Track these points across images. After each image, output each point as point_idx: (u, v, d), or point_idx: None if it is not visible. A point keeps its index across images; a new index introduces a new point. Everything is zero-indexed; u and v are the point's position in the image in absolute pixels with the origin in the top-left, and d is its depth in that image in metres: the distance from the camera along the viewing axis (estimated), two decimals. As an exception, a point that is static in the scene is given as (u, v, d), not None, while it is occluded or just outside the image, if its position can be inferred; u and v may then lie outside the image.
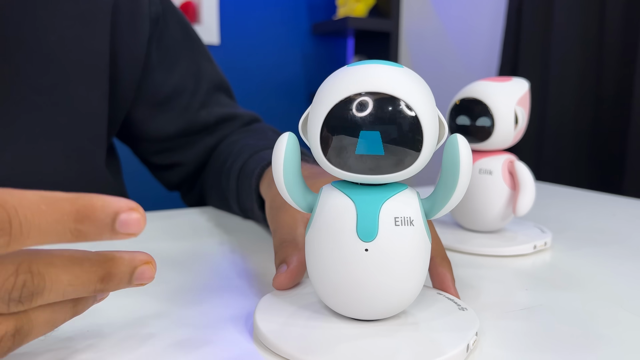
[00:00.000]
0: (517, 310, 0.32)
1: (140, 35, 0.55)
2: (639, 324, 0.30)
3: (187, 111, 0.59)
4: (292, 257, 0.32)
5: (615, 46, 1.28)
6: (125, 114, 0.58)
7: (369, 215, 0.25)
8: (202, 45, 0.63)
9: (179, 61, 0.59)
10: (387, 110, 0.23)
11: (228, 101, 0.64)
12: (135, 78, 0.56)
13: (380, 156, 0.24)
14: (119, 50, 0.53)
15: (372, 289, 0.25)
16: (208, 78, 0.62)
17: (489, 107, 0.41)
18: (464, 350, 0.25)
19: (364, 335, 0.26)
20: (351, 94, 0.24)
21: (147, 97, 0.58)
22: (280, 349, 0.25)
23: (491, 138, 0.42)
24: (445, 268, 0.32)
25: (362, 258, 0.25)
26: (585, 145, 1.36)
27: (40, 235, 0.19)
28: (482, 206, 0.43)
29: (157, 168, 0.64)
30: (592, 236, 0.49)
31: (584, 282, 0.37)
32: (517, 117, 0.41)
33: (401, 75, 0.24)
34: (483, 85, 0.42)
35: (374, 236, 0.25)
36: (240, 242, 0.45)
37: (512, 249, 0.42)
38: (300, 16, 2.05)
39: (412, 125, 0.23)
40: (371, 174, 0.24)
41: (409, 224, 0.25)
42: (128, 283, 0.24)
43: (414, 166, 0.24)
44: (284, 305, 0.29)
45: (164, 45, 0.58)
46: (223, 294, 0.34)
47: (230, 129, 0.62)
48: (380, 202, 0.25)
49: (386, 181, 0.25)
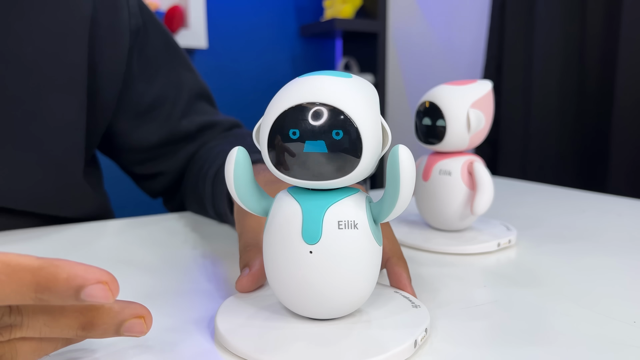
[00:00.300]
0: (473, 306, 0.33)
1: (121, 48, 0.56)
2: (590, 318, 0.31)
3: (168, 121, 0.61)
4: (255, 261, 0.33)
5: (597, 43, 1.30)
6: (106, 126, 0.58)
7: (314, 219, 0.26)
8: (182, 54, 0.64)
9: (159, 71, 0.60)
10: (326, 119, 0.25)
11: (209, 109, 0.65)
12: (116, 90, 0.57)
13: (322, 163, 0.25)
14: (99, 62, 0.54)
15: (319, 289, 0.27)
16: (189, 87, 0.63)
17: (442, 110, 0.43)
18: (412, 346, 0.26)
19: (317, 334, 0.27)
20: (294, 104, 0.25)
21: (129, 108, 0.59)
22: (236, 349, 0.26)
23: (445, 139, 0.44)
24: (401, 267, 0.33)
25: (307, 260, 0.26)
26: (569, 142, 1.38)
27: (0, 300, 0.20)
28: (442, 205, 0.45)
29: (140, 178, 0.65)
30: (558, 232, 0.51)
31: (543, 278, 0.38)
32: (469, 119, 0.42)
33: (343, 85, 0.26)
34: (441, 90, 0.44)
35: (318, 239, 0.26)
36: (213, 247, 0.47)
37: (476, 247, 0.43)
38: (288, 18, 2.06)
39: (351, 132, 0.25)
40: (315, 180, 0.26)
41: (352, 228, 0.26)
42: (115, 333, 0.24)
43: (357, 171, 0.25)
44: (245, 306, 0.31)
45: (145, 56, 0.59)
46: (191, 297, 0.35)
47: (211, 136, 0.64)
48: (325, 207, 0.26)
49: (332, 186, 0.26)
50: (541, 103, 1.41)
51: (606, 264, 0.42)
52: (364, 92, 0.26)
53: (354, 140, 0.25)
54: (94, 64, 0.53)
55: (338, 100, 0.25)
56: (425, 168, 0.46)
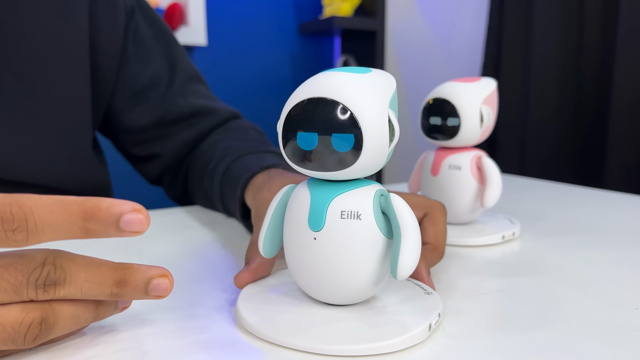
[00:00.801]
0: (481, 294, 0.35)
1: (118, 26, 0.57)
2: (595, 305, 0.33)
3: (162, 102, 0.62)
4: (255, 258, 0.34)
5: (595, 40, 1.32)
6: (107, 103, 0.60)
7: (319, 208, 0.28)
8: (174, 38, 0.65)
9: (153, 53, 0.62)
10: (328, 112, 0.26)
11: (205, 91, 0.66)
12: (114, 67, 0.58)
13: (324, 155, 0.26)
14: (97, 39, 0.55)
15: (324, 275, 0.28)
16: (182, 68, 0.64)
17: (456, 106, 0.44)
18: (427, 330, 0.28)
19: (335, 318, 0.29)
20: (301, 99, 0.27)
21: (124, 88, 0.60)
22: (260, 332, 0.28)
23: (458, 135, 0.45)
24: (420, 262, 0.34)
25: (312, 246, 0.28)
26: (567, 140, 1.39)
27: (52, 231, 0.23)
28: (452, 199, 0.46)
29: (136, 160, 0.66)
30: (560, 226, 0.52)
31: (548, 269, 0.40)
32: (482, 115, 0.44)
33: (350, 80, 0.27)
34: (450, 86, 0.45)
35: (321, 226, 0.28)
36: (225, 238, 0.48)
37: (482, 239, 0.45)
38: (287, 16, 2.07)
39: (349, 126, 0.26)
40: (320, 171, 0.27)
41: (355, 218, 0.28)
42: (144, 293, 0.26)
43: (360, 164, 0.27)
44: (266, 292, 0.32)
45: (140, 38, 0.61)
46: (208, 286, 0.36)
47: (208, 123, 0.64)
48: (331, 197, 0.28)
49: (338, 178, 0.28)
50: (539, 101, 1.42)
51: (607, 256, 0.43)
52: (375, 86, 0.27)
53: (351, 132, 0.26)
54: (94, 41, 0.55)
55: (340, 94, 0.26)
56: (434, 163, 0.47)
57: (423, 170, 0.48)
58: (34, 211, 0.22)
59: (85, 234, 0.23)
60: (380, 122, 0.27)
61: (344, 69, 0.28)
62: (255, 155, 0.51)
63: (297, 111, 0.27)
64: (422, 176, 0.49)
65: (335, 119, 0.26)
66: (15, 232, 0.22)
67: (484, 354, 0.27)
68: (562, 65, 1.38)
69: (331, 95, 0.26)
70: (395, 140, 0.28)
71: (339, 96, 0.26)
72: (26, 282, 0.23)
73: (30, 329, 0.23)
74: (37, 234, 0.22)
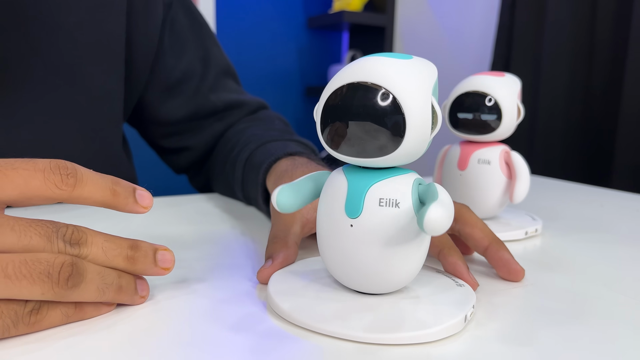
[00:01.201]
0: (510, 288, 0.34)
1: (155, 20, 0.56)
2: (622, 301, 0.33)
3: (196, 95, 0.61)
4: (279, 253, 0.34)
5: (606, 43, 1.31)
6: (138, 97, 0.59)
7: (356, 195, 0.27)
8: (209, 30, 0.65)
9: (188, 45, 0.61)
10: (371, 98, 0.26)
11: (235, 86, 0.66)
12: (149, 61, 0.57)
13: (366, 141, 0.26)
14: (134, 33, 0.55)
15: (359, 262, 0.28)
16: (216, 62, 0.63)
17: (497, 100, 0.43)
18: (462, 321, 0.27)
19: (369, 306, 0.28)
20: (342, 84, 0.26)
21: (159, 81, 0.59)
22: (294, 319, 0.27)
23: (497, 130, 0.44)
24: (455, 257, 0.34)
25: (348, 233, 0.28)
26: (575, 140, 1.39)
27: (93, 184, 0.27)
28: (481, 194, 0.46)
29: (165, 151, 0.66)
30: (580, 224, 0.52)
31: (572, 265, 0.40)
32: (519, 110, 0.43)
33: (393, 66, 0.26)
34: (488, 80, 0.44)
35: (359, 213, 0.27)
36: (246, 226, 0.47)
37: (506, 235, 0.44)
38: (296, 9, 2.06)
39: (392, 111, 0.26)
40: (359, 157, 0.27)
41: (393, 206, 0.27)
42: (153, 262, 0.29)
43: (401, 151, 0.26)
44: (296, 279, 0.32)
45: (175, 30, 0.60)
46: (233, 272, 0.36)
47: (237, 115, 0.64)
48: (369, 184, 0.28)
49: (378, 165, 0.27)
50: (548, 101, 1.42)
51: (631, 254, 0.43)
52: (418, 73, 0.27)
53: (394, 118, 0.26)
54: (130, 35, 0.54)
55: (384, 79, 0.26)
56: (462, 157, 0.46)
57: (446, 163, 0.48)
58: (80, 167, 0.28)
59: (113, 195, 0.28)
60: (424, 108, 0.26)
61: (384, 54, 0.28)
62: (280, 143, 0.51)
63: (337, 96, 0.27)
64: (445, 170, 0.48)
65: (377, 105, 0.26)
66: (69, 176, 0.26)
67: (519, 347, 0.26)
68: (572, 66, 1.38)
69: (373, 79, 0.26)
70: (438, 128, 0.27)
71: (381, 81, 0.26)
72: (56, 234, 0.25)
73: (64, 267, 0.24)
74: (83, 183, 0.27)
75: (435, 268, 0.35)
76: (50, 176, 0.26)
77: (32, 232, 0.25)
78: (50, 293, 0.24)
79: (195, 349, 0.25)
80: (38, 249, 0.24)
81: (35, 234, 0.25)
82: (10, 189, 0.25)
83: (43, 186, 0.26)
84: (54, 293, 0.24)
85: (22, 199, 0.26)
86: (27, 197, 0.26)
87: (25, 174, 0.26)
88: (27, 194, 0.26)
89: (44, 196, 0.26)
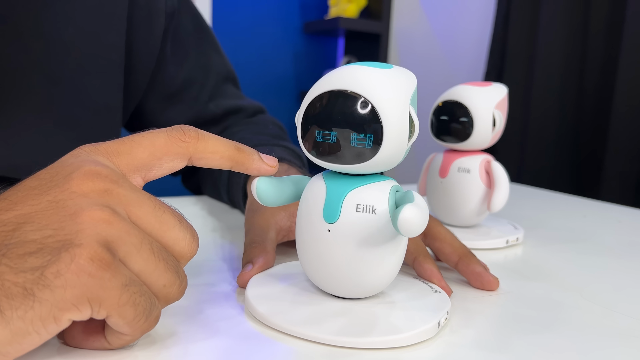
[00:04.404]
0: (487, 296, 0.35)
1: (156, 30, 0.56)
2: (595, 310, 0.33)
3: (196, 103, 0.62)
4: (259, 258, 0.34)
5: (598, 57, 1.33)
6: (135, 105, 0.59)
7: (334, 200, 0.28)
8: (212, 36, 0.65)
9: (190, 54, 0.61)
10: (349, 106, 0.26)
11: (234, 91, 0.66)
12: (149, 70, 0.57)
13: (343, 148, 0.27)
14: (134, 43, 0.54)
15: (336, 267, 0.28)
16: (217, 70, 0.64)
17: (469, 109, 0.44)
18: (435, 327, 0.28)
19: (344, 310, 0.29)
20: (323, 91, 0.27)
21: (160, 89, 0.59)
22: (270, 322, 0.28)
23: (470, 139, 0.45)
24: (430, 264, 0.34)
25: (325, 237, 0.28)
26: (565, 150, 1.40)
27: (215, 139, 0.28)
28: (460, 202, 0.46)
29: None
30: (562, 234, 0.52)
31: (551, 274, 0.40)
32: (494, 119, 0.44)
33: (371, 75, 0.27)
34: (464, 89, 0.45)
35: (336, 219, 0.28)
36: (230, 230, 0.48)
37: (486, 243, 0.45)
38: (292, 15, 2.07)
39: (370, 120, 0.26)
40: (337, 164, 0.27)
41: (370, 212, 0.28)
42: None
43: (379, 158, 0.27)
44: (275, 282, 0.32)
45: (178, 39, 0.60)
46: (212, 275, 0.36)
47: (235, 120, 0.65)
48: (347, 190, 0.28)
49: (356, 172, 0.28)
50: (539, 111, 1.43)
51: (609, 265, 0.43)
52: (397, 82, 0.28)
53: (371, 127, 0.26)
54: (130, 45, 0.54)
55: (363, 88, 0.26)
56: (443, 165, 0.47)
57: (430, 171, 0.48)
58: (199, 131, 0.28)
59: (237, 150, 0.29)
60: (401, 117, 0.27)
61: (365, 63, 0.28)
62: (265, 148, 0.52)
63: (317, 104, 0.27)
64: (429, 177, 0.49)
65: (356, 113, 0.26)
66: (191, 130, 0.28)
67: (491, 354, 0.27)
68: (563, 77, 1.39)
69: (352, 88, 0.26)
70: (415, 136, 0.28)
71: (360, 90, 0.26)
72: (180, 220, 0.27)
73: (182, 278, 0.25)
74: (206, 137, 0.28)
75: (412, 275, 0.35)
76: (173, 133, 0.28)
77: (165, 207, 0.26)
78: (171, 289, 0.25)
79: (171, 350, 0.25)
80: (169, 224, 0.25)
81: (167, 210, 0.26)
82: (139, 151, 0.27)
83: (168, 142, 0.27)
84: (172, 291, 0.25)
85: (152, 160, 0.27)
86: (156, 157, 0.27)
87: (149, 135, 0.27)
88: (156, 154, 0.27)
89: (171, 152, 0.27)
